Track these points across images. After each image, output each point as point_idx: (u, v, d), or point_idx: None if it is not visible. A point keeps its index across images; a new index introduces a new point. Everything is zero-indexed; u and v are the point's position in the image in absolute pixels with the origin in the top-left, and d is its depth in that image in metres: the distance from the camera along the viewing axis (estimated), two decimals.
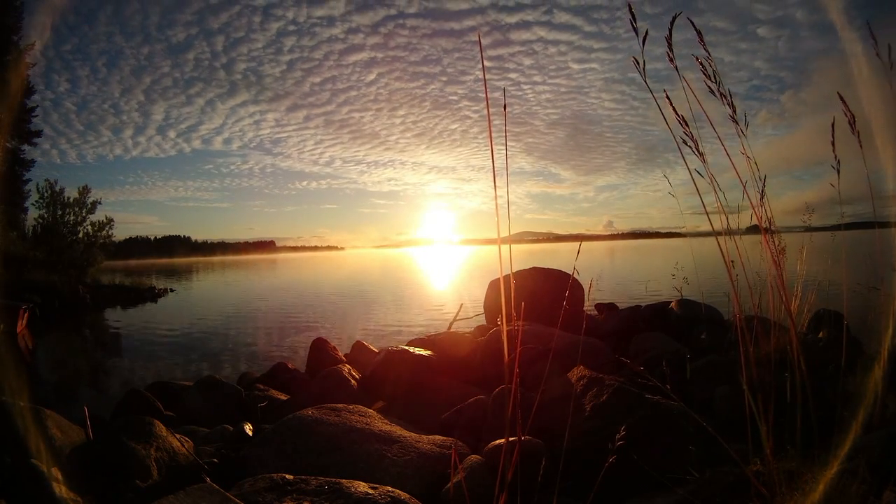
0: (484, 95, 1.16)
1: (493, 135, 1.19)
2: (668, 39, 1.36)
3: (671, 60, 1.40)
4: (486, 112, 1.17)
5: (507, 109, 1.17)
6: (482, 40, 1.17)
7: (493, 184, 1.20)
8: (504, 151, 1.23)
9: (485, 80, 1.15)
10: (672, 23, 1.37)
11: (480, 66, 1.16)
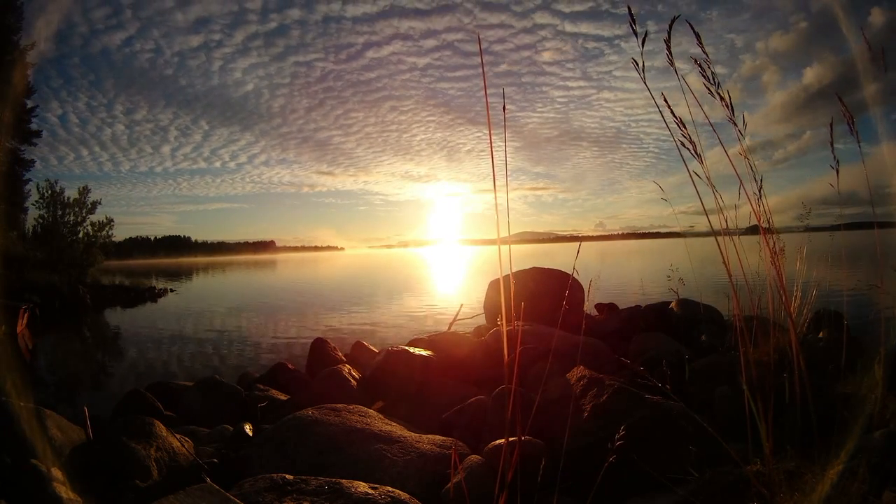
0: (484, 99, 1.16)
1: (493, 138, 1.19)
2: (667, 41, 1.36)
3: (671, 63, 1.40)
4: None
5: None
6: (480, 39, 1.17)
7: (492, 186, 1.20)
8: (503, 153, 1.23)
9: (484, 78, 1.15)
10: (671, 25, 1.37)
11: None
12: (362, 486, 1.91)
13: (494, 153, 1.18)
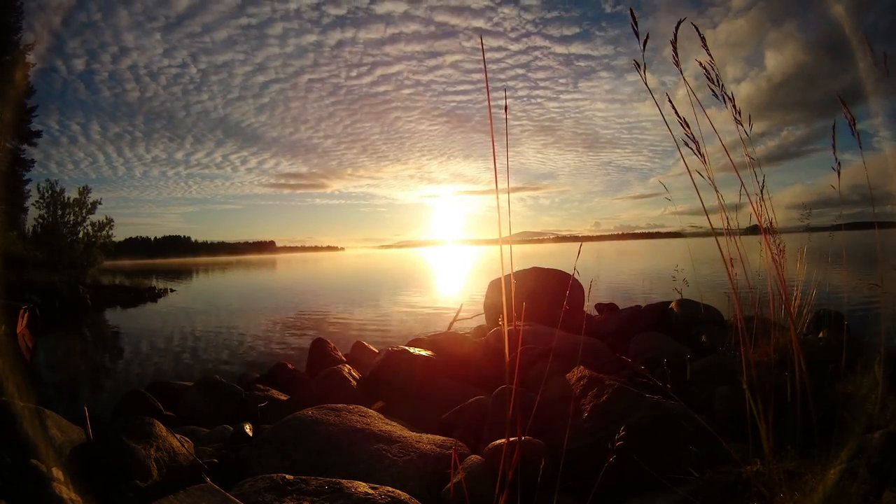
0: (487, 107, 1.16)
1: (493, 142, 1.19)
2: (674, 43, 1.36)
3: (676, 63, 1.40)
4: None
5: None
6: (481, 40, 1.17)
7: (491, 188, 1.20)
8: (504, 156, 1.24)
9: (486, 78, 1.16)
10: (677, 28, 1.37)
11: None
12: (362, 486, 1.91)
13: (493, 156, 1.18)
